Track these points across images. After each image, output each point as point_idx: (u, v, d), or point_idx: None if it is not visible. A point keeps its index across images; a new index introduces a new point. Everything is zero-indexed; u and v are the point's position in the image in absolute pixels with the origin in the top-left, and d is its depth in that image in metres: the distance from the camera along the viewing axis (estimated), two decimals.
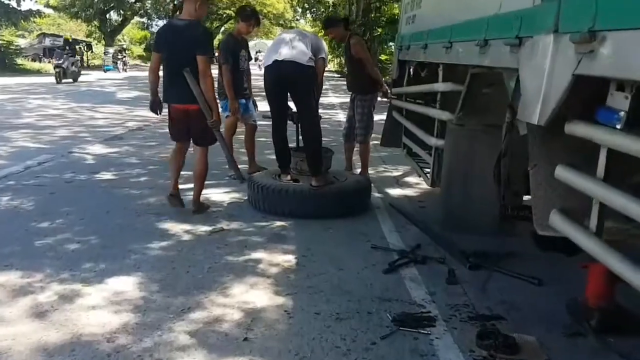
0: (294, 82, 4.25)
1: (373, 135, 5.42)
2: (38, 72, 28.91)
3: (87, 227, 3.92)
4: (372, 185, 4.64)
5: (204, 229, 3.97)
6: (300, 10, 46.13)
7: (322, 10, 33.66)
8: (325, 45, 4.61)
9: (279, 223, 4.11)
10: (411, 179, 5.82)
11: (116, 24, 40.44)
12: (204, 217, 4.25)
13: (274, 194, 4.21)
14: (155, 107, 4.34)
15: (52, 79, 19.52)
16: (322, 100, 8.30)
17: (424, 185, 5.47)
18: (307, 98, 4.36)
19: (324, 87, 5.04)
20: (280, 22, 48.66)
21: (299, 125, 4.52)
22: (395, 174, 6.09)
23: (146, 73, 4.66)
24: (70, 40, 37.99)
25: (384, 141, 4.93)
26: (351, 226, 4.08)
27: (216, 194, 4.95)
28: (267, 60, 4.30)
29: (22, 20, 30.63)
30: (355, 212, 4.33)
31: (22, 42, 40.36)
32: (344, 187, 4.32)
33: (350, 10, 25.35)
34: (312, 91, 4.39)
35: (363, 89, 5.32)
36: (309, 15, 43.17)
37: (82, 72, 30.97)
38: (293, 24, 61.32)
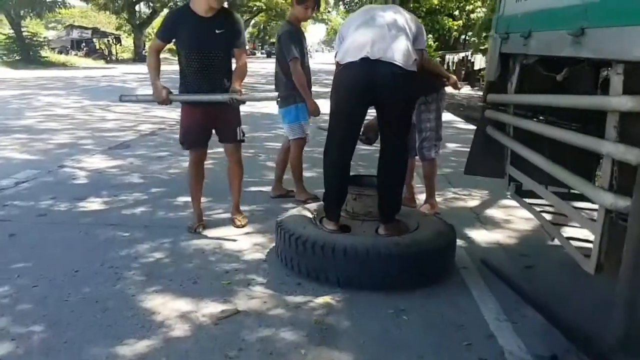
0: (389, 94, 2.86)
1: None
2: (63, 65, 28.17)
3: (37, 306, 2.59)
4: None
5: (209, 310, 2.59)
6: (332, 1, 44.54)
7: (357, 0, 32.02)
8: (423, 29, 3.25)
9: (322, 300, 2.71)
10: (496, 212, 4.35)
11: (145, 16, 39.59)
12: (212, 285, 2.87)
13: (315, 252, 2.82)
14: (162, 97, 3.41)
15: (76, 73, 18.53)
16: None
17: (520, 224, 4.00)
18: (402, 118, 2.99)
19: None
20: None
21: (382, 152, 3.03)
22: (471, 203, 4.62)
23: (173, 67, 3.65)
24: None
25: (470, 167, 3.49)
26: (434, 309, 2.66)
27: (232, 234, 3.60)
28: (349, 53, 2.89)
29: (46, 11, 29.89)
30: (435, 277, 2.92)
31: (50, 34, 40.02)
32: (420, 240, 2.88)
33: (386, 0, 23.78)
34: (411, 109, 3.02)
35: (425, 87, 3.89)
36: (341, 6, 41.54)
37: (109, 65, 30.39)
38: (324, 17, 59.67)
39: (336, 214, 2.99)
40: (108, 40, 39.92)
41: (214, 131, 3.67)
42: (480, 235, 3.77)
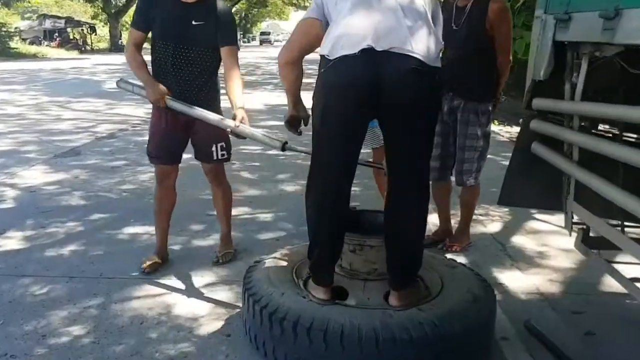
0: (403, 101, 1.88)
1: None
2: (34, 57, 26.77)
3: None
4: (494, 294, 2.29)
5: None
6: None
7: None
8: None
9: None
10: (525, 241, 3.47)
11: (121, 4, 38.01)
12: None
13: (298, 335, 1.91)
14: (160, 96, 2.66)
15: (44, 64, 17.36)
16: None
17: (561, 259, 3.13)
18: (420, 138, 1.98)
19: None
20: (294, 1, 46.10)
21: (392, 192, 2.03)
22: (492, 227, 3.73)
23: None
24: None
25: (506, 196, 2.58)
26: None
27: (188, 285, 2.67)
28: (342, 44, 1.86)
29: (16, 1, 28.33)
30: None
31: (23, 24, 38.34)
32: (450, 314, 1.97)
33: None
34: (435, 124, 2.09)
35: (483, 92, 3.05)
36: None
37: (83, 56, 29.02)
38: (307, 3, 58.74)
39: (327, 276, 2.08)
40: (82, 30, 38.37)
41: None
42: (514, 280, 2.88)
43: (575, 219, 2.18)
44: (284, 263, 2.37)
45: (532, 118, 2.41)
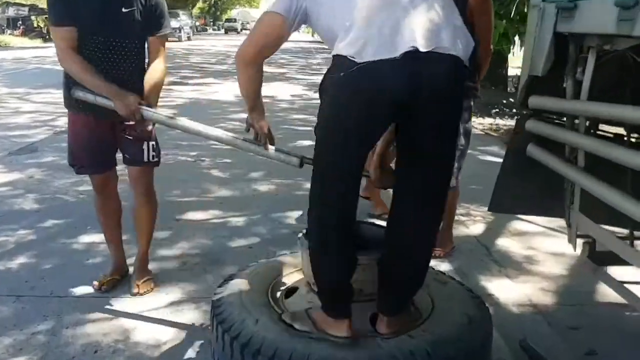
0: (442, 109, 1.61)
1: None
2: None
3: None
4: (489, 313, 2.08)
5: None
6: None
7: None
8: None
9: None
10: (511, 244, 3.29)
11: None
12: None
13: None
14: (131, 109, 2.22)
15: (6, 54, 16.64)
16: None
17: (550, 264, 2.96)
18: (450, 144, 1.75)
19: None
20: None
21: (401, 203, 1.76)
22: (475, 229, 3.54)
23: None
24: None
25: (497, 202, 2.38)
26: None
27: (149, 306, 2.41)
28: (373, 45, 1.51)
29: None
30: None
31: None
32: (443, 341, 1.76)
33: None
34: (458, 129, 1.91)
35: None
36: None
37: (47, 44, 27.94)
38: None
39: (346, 306, 1.75)
40: (46, 18, 37.09)
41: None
42: (504, 290, 2.69)
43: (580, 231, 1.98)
44: (258, 281, 2.12)
45: (527, 118, 2.21)
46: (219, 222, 3.54)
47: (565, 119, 2.05)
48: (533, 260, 3.08)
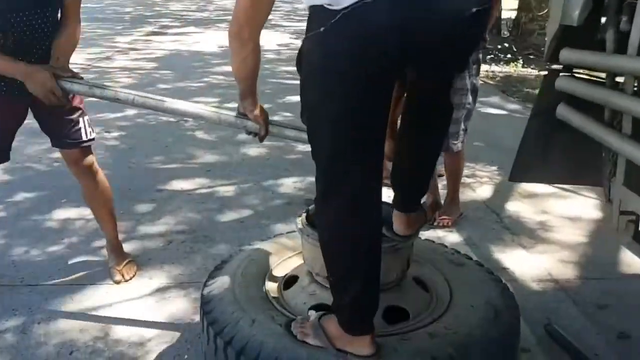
0: (456, 54, 1.36)
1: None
2: None
3: None
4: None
5: None
6: None
7: None
8: None
9: None
10: (523, 208, 3.06)
11: None
12: None
13: None
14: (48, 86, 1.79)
15: None
16: None
17: (566, 230, 2.74)
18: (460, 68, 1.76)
19: None
20: None
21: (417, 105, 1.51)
22: (482, 192, 3.30)
23: None
24: None
25: (520, 171, 2.11)
26: None
27: (128, 296, 2.16)
28: None
29: None
30: None
31: None
32: (468, 339, 1.53)
33: None
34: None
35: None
36: None
37: None
38: None
39: (370, 321, 1.46)
40: None
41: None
42: (521, 263, 2.47)
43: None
44: (254, 270, 1.86)
45: (556, 74, 1.92)
46: (206, 192, 3.25)
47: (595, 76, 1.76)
48: (547, 226, 2.86)
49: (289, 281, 1.85)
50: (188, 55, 8.18)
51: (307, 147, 1.43)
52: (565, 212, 2.99)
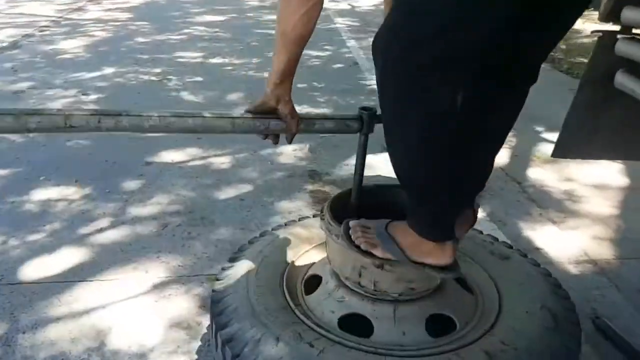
0: None
1: None
2: None
3: None
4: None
5: None
6: None
7: None
8: None
9: None
10: (547, 177, 2.84)
11: None
12: None
13: None
14: None
15: None
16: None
17: (598, 202, 2.53)
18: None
19: None
20: None
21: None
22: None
23: None
24: None
25: (566, 145, 1.87)
26: None
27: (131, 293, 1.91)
28: None
29: None
30: None
31: None
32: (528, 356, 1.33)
33: None
34: None
35: None
36: None
37: None
38: None
39: (452, 226, 1.24)
40: None
41: None
42: (554, 242, 2.26)
43: None
44: (269, 270, 1.62)
45: (614, 37, 1.64)
46: (199, 164, 2.96)
47: None
48: (575, 196, 2.65)
49: (310, 282, 1.62)
50: (165, 4, 7.67)
51: (305, 109, 1.16)
52: (590, 179, 2.79)
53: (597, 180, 2.77)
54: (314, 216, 1.97)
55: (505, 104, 1.14)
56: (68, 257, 2.12)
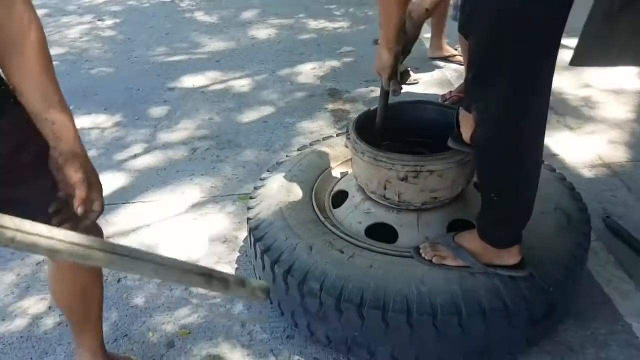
0: None
1: None
2: None
3: None
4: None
5: None
6: None
7: None
8: None
9: None
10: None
11: None
12: None
13: (352, 315, 1.37)
14: None
15: None
16: None
17: (611, 106, 2.58)
18: None
19: None
20: None
21: None
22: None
23: None
24: None
25: (583, 55, 1.90)
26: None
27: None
28: None
29: None
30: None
31: None
32: (550, 265, 1.44)
33: None
34: None
35: None
36: None
37: None
38: None
39: (520, 231, 1.38)
40: None
41: None
42: (569, 146, 2.34)
43: None
44: (298, 188, 1.74)
45: None
46: (220, 88, 3.03)
47: None
48: (592, 102, 2.68)
49: (336, 197, 1.74)
50: None
51: (321, 24, 1.24)
52: (607, 85, 2.80)
53: (613, 86, 2.79)
54: (337, 135, 2.07)
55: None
56: (109, 182, 2.26)
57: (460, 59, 3.00)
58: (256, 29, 3.77)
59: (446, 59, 3.20)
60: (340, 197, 1.72)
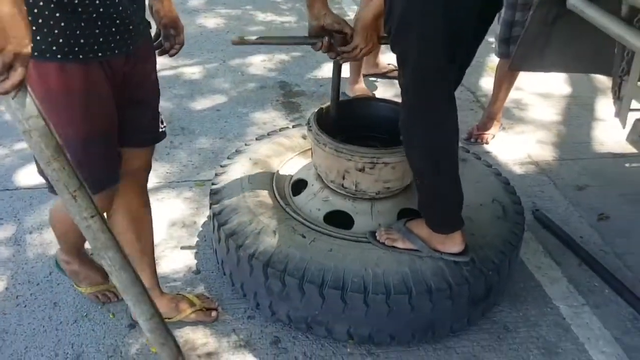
0: None
1: None
2: None
3: None
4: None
5: None
6: None
7: None
8: None
9: None
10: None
11: None
12: None
13: (313, 295, 1.49)
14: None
15: None
16: None
17: (539, 108, 2.82)
18: None
19: None
20: None
21: None
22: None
23: None
24: None
25: (521, 60, 2.06)
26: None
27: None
28: None
29: None
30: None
31: None
32: (485, 241, 1.61)
33: None
34: None
35: None
36: None
37: None
38: None
39: (460, 218, 1.51)
40: None
41: None
42: (501, 146, 2.55)
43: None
44: (258, 175, 1.82)
45: None
46: (170, 74, 3.04)
47: None
48: (522, 104, 2.92)
49: (296, 185, 1.84)
50: None
51: (269, 17, 1.36)
52: (537, 89, 3.05)
53: (542, 90, 3.04)
54: (293, 127, 2.16)
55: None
56: None
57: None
58: (204, 17, 3.78)
59: (384, 75, 3.06)
60: (299, 185, 1.82)
